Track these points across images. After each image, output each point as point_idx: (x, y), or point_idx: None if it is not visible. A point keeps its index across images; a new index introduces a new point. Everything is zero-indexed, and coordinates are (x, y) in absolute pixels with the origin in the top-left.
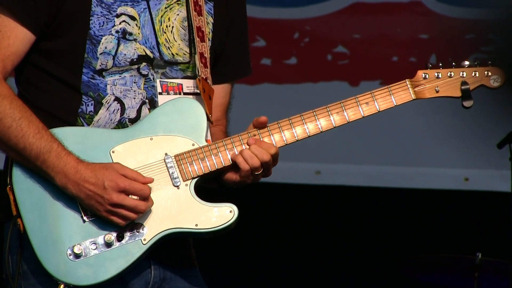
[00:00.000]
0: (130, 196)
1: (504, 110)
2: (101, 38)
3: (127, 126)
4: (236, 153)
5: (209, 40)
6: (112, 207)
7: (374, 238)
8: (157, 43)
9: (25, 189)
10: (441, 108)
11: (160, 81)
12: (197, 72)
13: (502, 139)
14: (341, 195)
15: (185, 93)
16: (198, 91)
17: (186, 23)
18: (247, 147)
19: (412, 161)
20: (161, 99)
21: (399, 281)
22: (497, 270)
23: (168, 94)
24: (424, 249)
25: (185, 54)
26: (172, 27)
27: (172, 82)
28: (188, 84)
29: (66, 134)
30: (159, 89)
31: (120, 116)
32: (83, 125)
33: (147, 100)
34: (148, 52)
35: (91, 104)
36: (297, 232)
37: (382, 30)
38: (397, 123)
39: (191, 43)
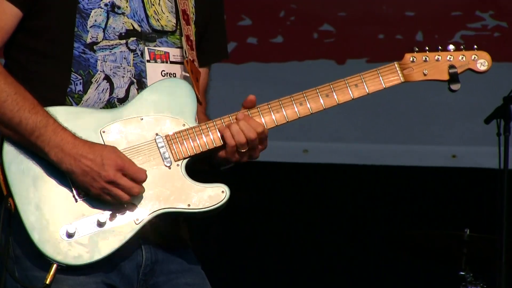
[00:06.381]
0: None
1: (491, 85)
2: (91, 11)
3: (116, 106)
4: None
5: (193, 23)
6: (107, 184)
7: (362, 216)
8: (146, 16)
9: (16, 168)
10: (428, 86)
11: (148, 48)
12: (184, 54)
13: (489, 115)
14: (329, 173)
15: (171, 62)
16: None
17: None
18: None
19: (400, 138)
20: (149, 67)
21: (387, 258)
22: (485, 246)
23: (156, 62)
24: (413, 226)
25: (174, 26)
26: None
27: (160, 51)
28: (174, 53)
29: (58, 113)
30: (147, 57)
31: (109, 96)
32: (72, 105)
33: (135, 80)
34: (136, 26)
35: (80, 83)
36: (285, 211)
37: (367, 8)
38: (383, 101)
39: (177, 14)
